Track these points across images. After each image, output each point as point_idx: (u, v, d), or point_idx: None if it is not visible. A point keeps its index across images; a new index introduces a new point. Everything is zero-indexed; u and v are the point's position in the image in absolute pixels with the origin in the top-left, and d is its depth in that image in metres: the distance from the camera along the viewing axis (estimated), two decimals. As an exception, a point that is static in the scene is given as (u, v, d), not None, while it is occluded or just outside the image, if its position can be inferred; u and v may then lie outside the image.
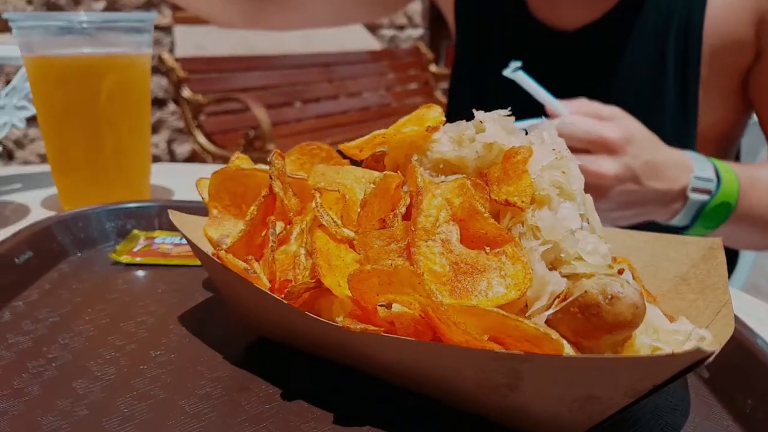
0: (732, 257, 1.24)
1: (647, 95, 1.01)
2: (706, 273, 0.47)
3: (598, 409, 0.36)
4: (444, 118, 0.50)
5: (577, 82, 1.04)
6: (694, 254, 0.49)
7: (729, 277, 1.21)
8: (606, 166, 0.80)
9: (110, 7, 3.37)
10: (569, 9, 1.05)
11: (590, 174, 0.78)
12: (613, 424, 0.41)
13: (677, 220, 0.89)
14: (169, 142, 3.76)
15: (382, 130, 0.50)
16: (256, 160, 0.54)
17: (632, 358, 0.33)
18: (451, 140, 0.48)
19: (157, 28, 3.57)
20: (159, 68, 3.27)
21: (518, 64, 0.84)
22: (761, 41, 0.96)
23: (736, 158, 1.18)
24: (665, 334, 0.40)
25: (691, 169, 0.85)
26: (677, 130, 1.00)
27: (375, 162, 0.53)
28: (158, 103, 3.66)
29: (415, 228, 0.41)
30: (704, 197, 0.85)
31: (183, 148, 3.79)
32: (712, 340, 0.40)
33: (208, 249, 0.50)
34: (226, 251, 0.44)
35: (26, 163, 3.17)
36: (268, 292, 0.42)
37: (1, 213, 0.83)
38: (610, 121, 0.81)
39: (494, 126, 0.46)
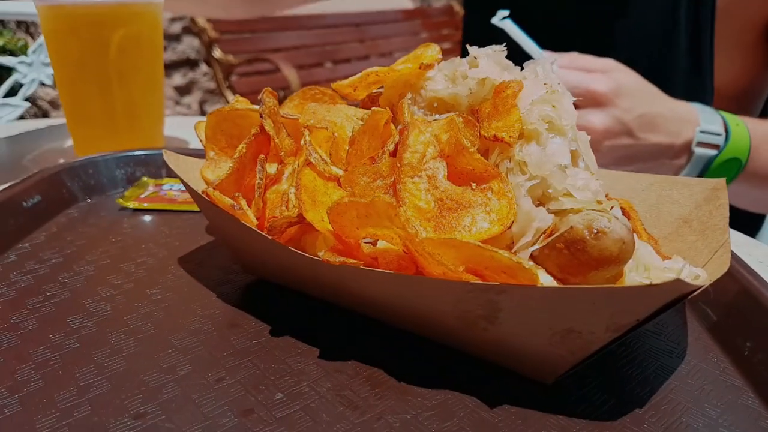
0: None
1: (658, 49, 0.97)
2: (708, 214, 0.45)
3: (580, 344, 0.35)
4: (440, 56, 0.49)
5: (586, 35, 1.00)
6: (697, 195, 0.47)
7: (759, 229, 1.18)
8: (594, 119, 0.77)
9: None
10: None
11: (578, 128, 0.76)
12: (602, 363, 0.41)
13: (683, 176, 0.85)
14: (201, 103, 3.79)
15: (376, 68, 0.48)
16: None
17: (610, 288, 0.32)
18: (446, 78, 0.47)
19: (187, -12, 3.55)
20: (191, 29, 3.27)
21: (506, 12, 0.82)
22: None
23: (762, 115, 1.13)
24: (657, 271, 0.39)
25: (697, 122, 0.81)
26: (690, 86, 0.96)
27: (371, 102, 0.52)
28: (190, 64, 3.68)
29: (401, 164, 0.40)
30: (711, 152, 0.80)
31: (215, 109, 3.82)
32: (705, 278, 0.38)
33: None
34: (214, 188, 0.44)
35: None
36: (254, 228, 0.42)
37: (19, 162, 0.85)
38: (602, 73, 0.78)
39: (488, 61, 0.45)
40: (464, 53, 0.47)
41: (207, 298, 0.48)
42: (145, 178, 0.72)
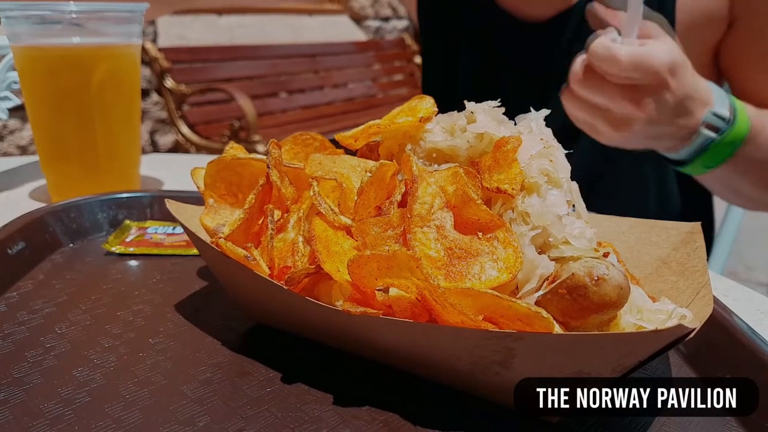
0: (707, 245, 1.26)
1: None
2: (686, 256, 0.49)
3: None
4: (436, 109, 0.52)
5: (547, 71, 1.04)
6: (674, 238, 0.51)
7: (709, 253, 1.24)
8: (646, 107, 0.74)
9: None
10: (537, 1, 1.05)
11: (622, 112, 0.74)
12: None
13: (679, 154, 0.85)
14: (152, 133, 3.73)
15: (377, 121, 0.51)
16: (242, 151, 0.55)
17: (618, 334, 0.35)
18: (444, 130, 0.50)
19: (138, 17, 3.52)
20: (142, 58, 3.23)
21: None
22: (733, 11, 0.94)
23: None
24: (648, 313, 0.42)
25: (710, 103, 0.80)
26: None
27: (369, 151, 0.54)
28: (141, 93, 3.63)
29: (411, 215, 0.42)
30: (713, 134, 0.81)
31: (166, 139, 3.76)
32: (692, 319, 0.42)
33: (204, 238, 0.51)
34: (225, 239, 0.45)
35: (6, 155, 3.13)
36: (268, 278, 0.43)
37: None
38: (654, 40, 0.75)
39: (485, 117, 0.48)
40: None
41: (212, 345, 0.49)
42: (127, 221, 0.71)
